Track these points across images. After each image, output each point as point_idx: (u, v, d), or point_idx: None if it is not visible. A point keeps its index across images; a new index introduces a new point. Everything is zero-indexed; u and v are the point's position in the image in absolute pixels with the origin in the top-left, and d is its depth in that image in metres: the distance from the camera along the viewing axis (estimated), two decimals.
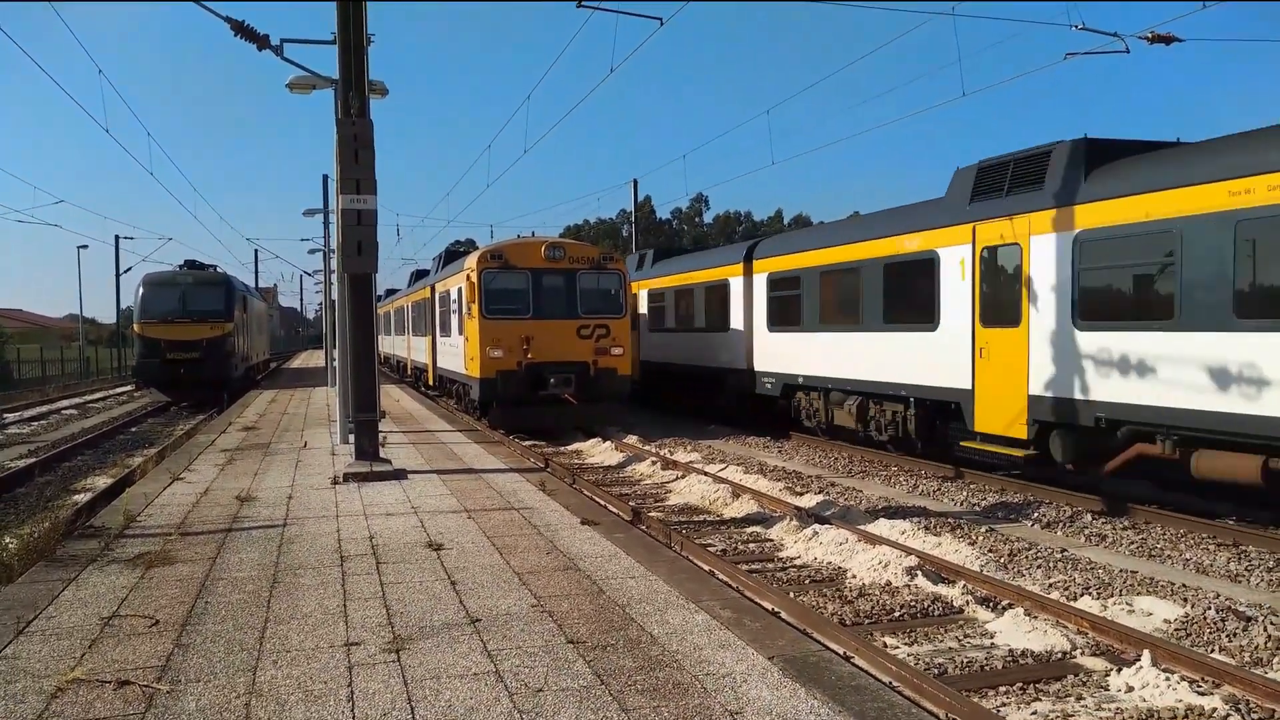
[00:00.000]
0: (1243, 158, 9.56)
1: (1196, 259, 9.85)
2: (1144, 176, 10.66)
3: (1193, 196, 9.94)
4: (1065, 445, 11.69)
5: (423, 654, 5.24)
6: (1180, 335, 10.04)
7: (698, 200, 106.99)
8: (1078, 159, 11.61)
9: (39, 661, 5.14)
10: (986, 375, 12.83)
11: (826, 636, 6.62)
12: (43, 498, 13.97)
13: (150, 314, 27.95)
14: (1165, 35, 12.69)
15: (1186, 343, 9.95)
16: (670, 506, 12.28)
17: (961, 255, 13.28)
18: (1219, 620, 7.13)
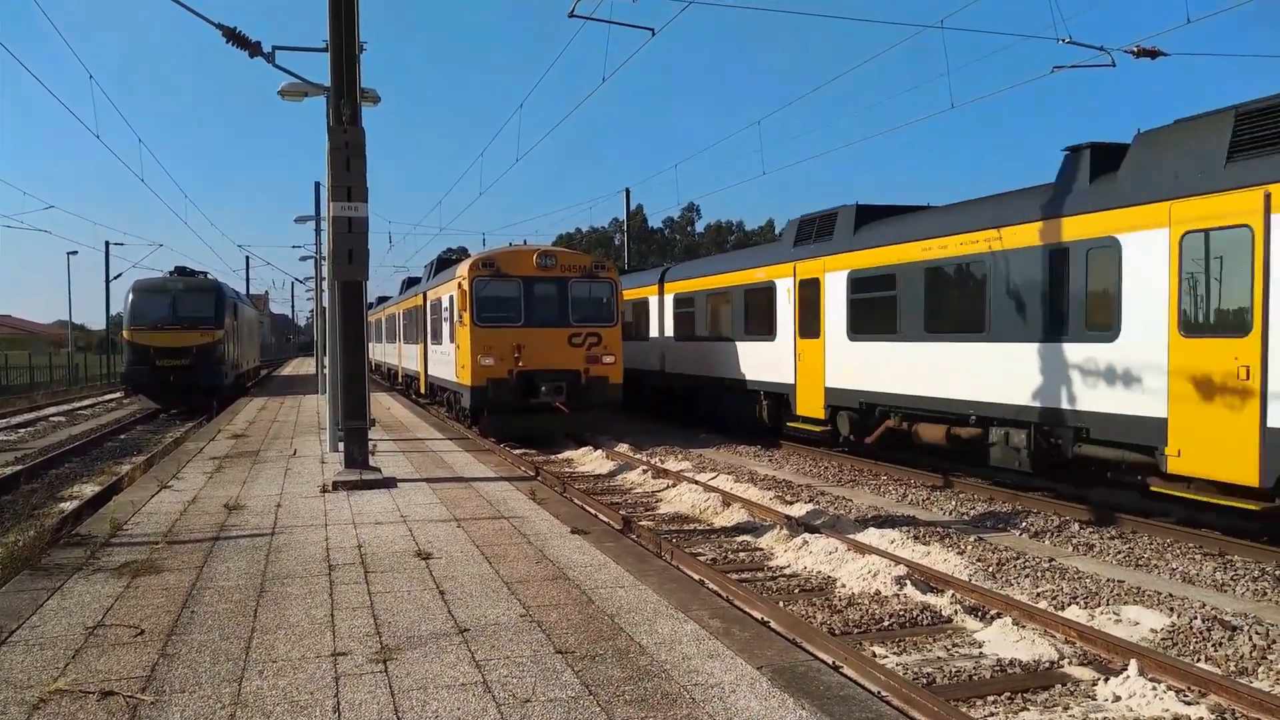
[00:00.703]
0: (931, 224, 13.83)
1: (905, 292, 14.22)
2: (881, 234, 14.97)
3: (903, 251, 14.30)
4: (845, 423, 15.95)
5: (410, 664, 5.22)
6: (899, 344, 14.38)
7: (689, 209, 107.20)
8: (850, 219, 15.84)
9: (21, 672, 5.10)
10: (802, 373, 17.06)
11: (815, 646, 6.62)
12: (29, 505, 13.88)
13: (140, 321, 27.84)
14: (1150, 49, 12.80)
15: (903, 349, 14.32)
16: (661, 515, 12.28)
17: (788, 285, 17.47)
18: (1205, 629, 7.16)
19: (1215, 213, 9.58)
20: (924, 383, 13.87)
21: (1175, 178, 10.01)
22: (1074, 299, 11.34)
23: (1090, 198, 11.17)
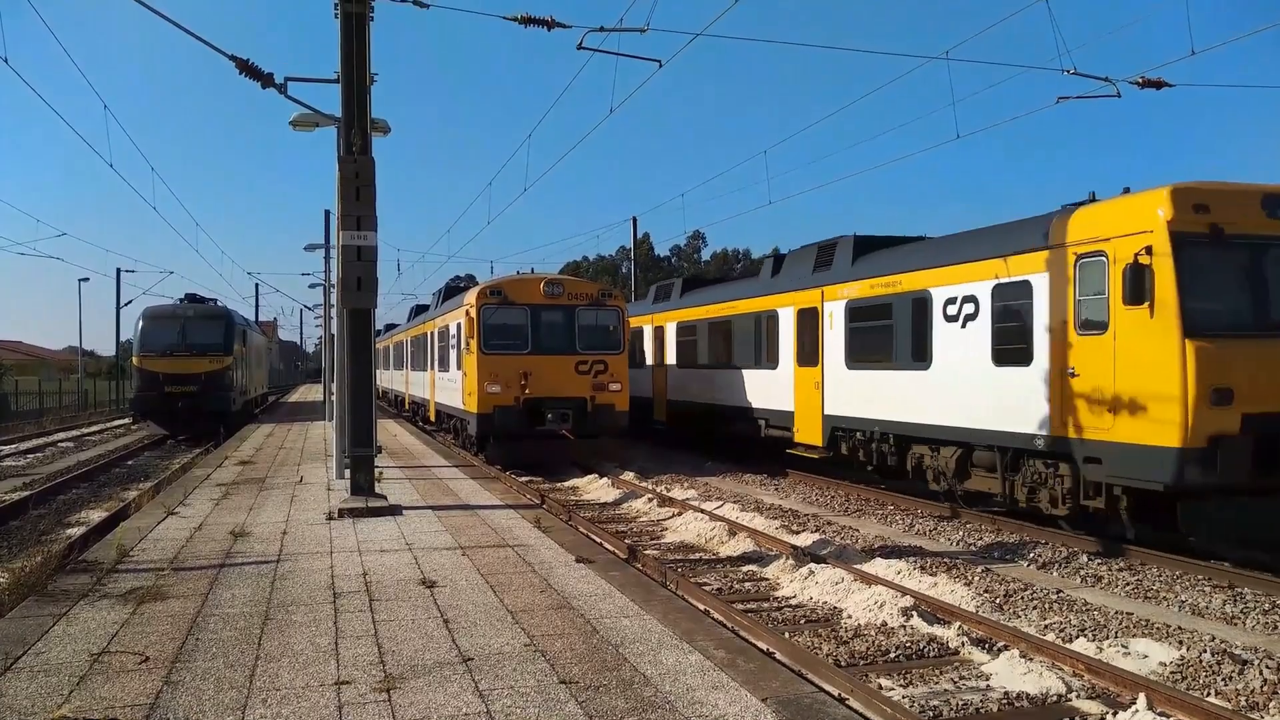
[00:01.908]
0: (923, 259, 14.40)
1: (904, 322, 14.53)
2: (878, 265, 15.42)
3: (900, 281, 14.71)
4: (847, 448, 16.24)
5: (414, 693, 5.21)
6: (898, 372, 14.65)
7: (695, 238, 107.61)
8: (848, 249, 16.50)
9: (26, 698, 5.10)
10: (804, 399, 17.48)
11: (821, 678, 6.58)
12: (36, 531, 13.90)
13: (150, 347, 27.97)
14: (1155, 80, 12.88)
15: (899, 377, 14.65)
16: (666, 544, 12.24)
17: (788, 315, 18.10)
18: (1215, 663, 7.09)
19: (804, 301, 17.35)
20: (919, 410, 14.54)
21: (794, 279, 17.93)
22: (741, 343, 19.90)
23: (768, 286, 19.01)
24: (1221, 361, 9.92)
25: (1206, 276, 10.30)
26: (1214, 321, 10.18)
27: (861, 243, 16.43)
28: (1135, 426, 10.35)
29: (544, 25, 12.13)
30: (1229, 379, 9.91)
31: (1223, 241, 10.30)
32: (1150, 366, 10.25)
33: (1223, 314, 10.38)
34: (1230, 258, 10.45)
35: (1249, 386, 9.95)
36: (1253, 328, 10.31)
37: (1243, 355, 10.05)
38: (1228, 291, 10.51)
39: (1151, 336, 10.22)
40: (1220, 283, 10.45)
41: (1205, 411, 9.82)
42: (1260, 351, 10.12)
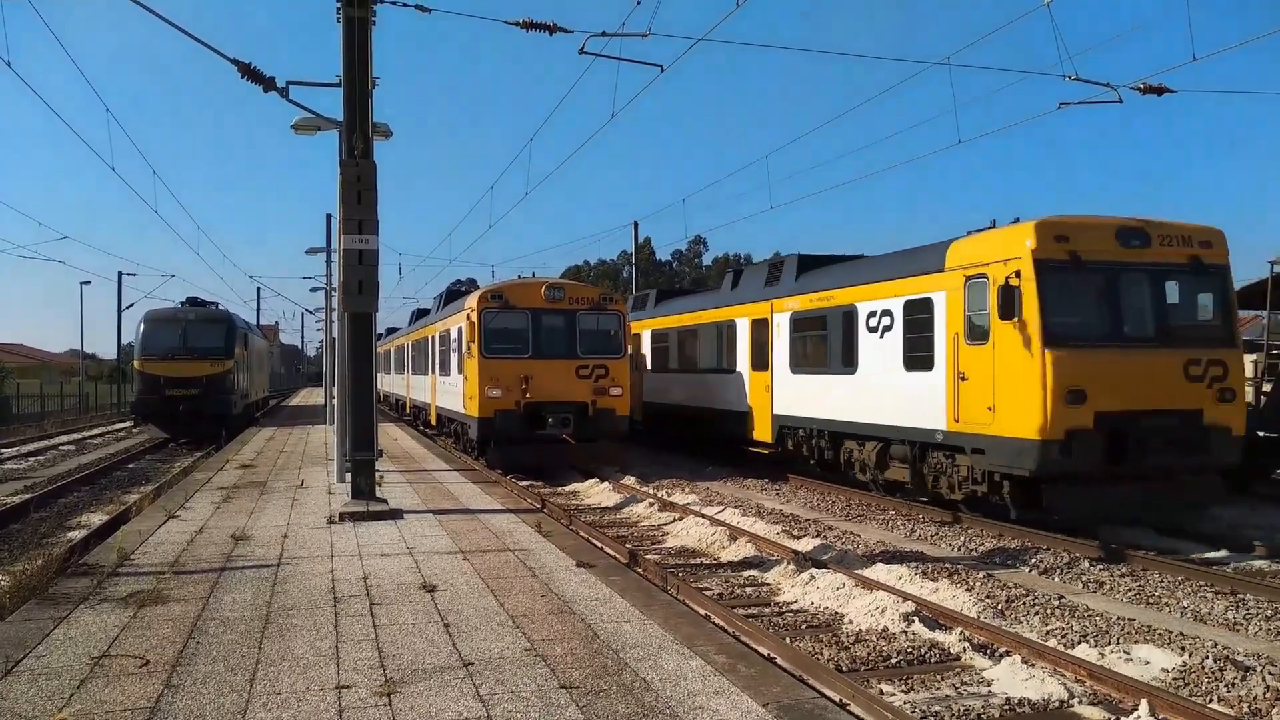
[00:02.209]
0: (852, 277, 16.18)
1: (833, 332, 16.37)
2: (816, 282, 17.28)
3: (830, 297, 16.57)
4: (793, 444, 18.02)
5: (414, 697, 5.20)
6: (831, 376, 16.43)
7: (696, 242, 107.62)
8: (793, 267, 18.52)
9: (26, 702, 5.10)
10: (757, 400, 19.19)
11: (822, 683, 6.57)
12: (37, 534, 13.90)
13: (151, 350, 27.99)
14: (1157, 86, 12.90)
15: (831, 380, 16.45)
16: (667, 549, 12.23)
17: (744, 325, 19.82)
18: (1217, 670, 7.07)
19: (757, 312, 19.27)
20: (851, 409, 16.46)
21: (749, 293, 19.87)
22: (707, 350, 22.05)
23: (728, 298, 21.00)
24: (1076, 367, 11.57)
25: (1066, 296, 12.02)
26: (1071, 334, 11.83)
27: (805, 261, 18.47)
28: (1009, 422, 11.99)
29: (546, 30, 12.16)
30: (1083, 382, 11.56)
31: (1080, 266, 12.00)
32: (1019, 371, 11.88)
33: (1079, 327, 12.02)
34: (1087, 280, 12.12)
35: (1101, 388, 11.61)
36: (1105, 339, 11.99)
37: (1095, 362, 11.73)
38: (1084, 308, 12.17)
39: (1020, 346, 11.87)
40: (1078, 301, 12.17)
41: (1062, 409, 11.45)
42: (1111, 359, 11.82)
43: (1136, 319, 12.44)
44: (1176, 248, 12.69)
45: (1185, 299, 12.87)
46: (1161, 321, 12.44)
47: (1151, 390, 11.88)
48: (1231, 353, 12.61)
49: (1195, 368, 12.11)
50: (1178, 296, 12.81)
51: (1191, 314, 12.91)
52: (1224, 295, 12.95)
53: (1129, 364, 11.84)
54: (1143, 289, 12.50)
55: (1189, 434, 11.91)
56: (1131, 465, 11.69)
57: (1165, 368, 11.99)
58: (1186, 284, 12.82)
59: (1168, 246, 12.62)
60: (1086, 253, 12.09)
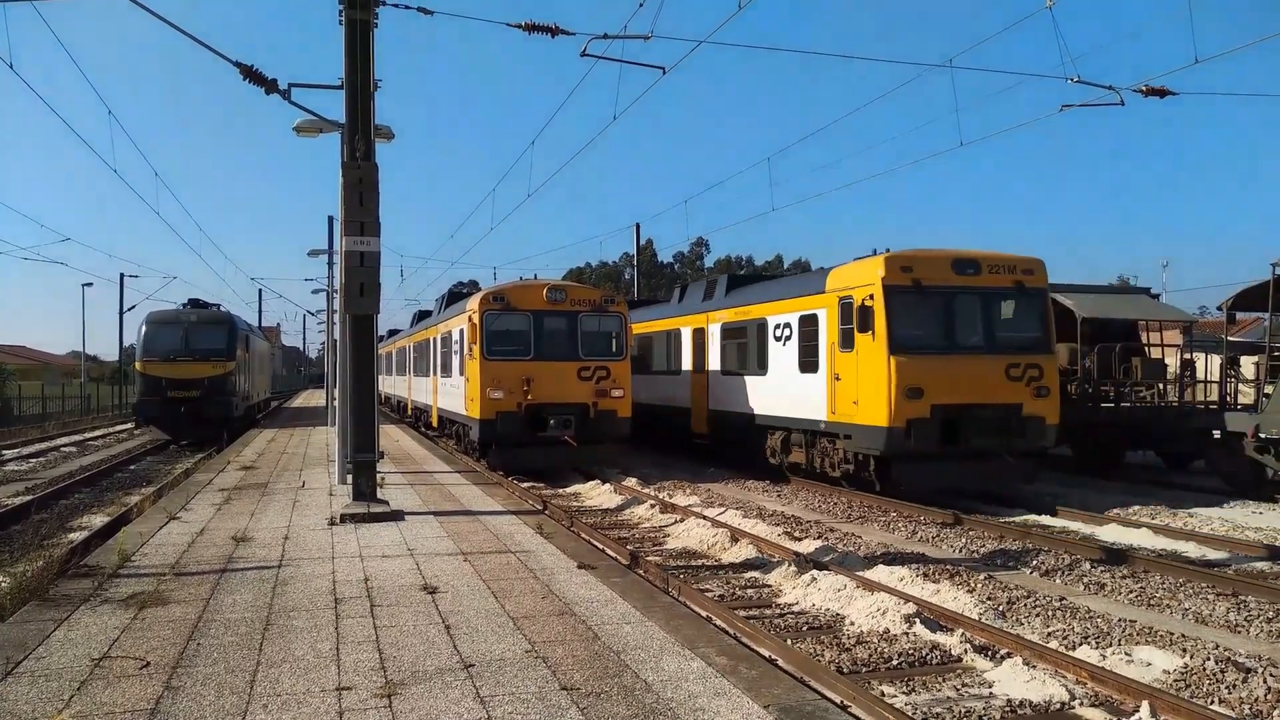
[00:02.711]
0: (764, 295, 19.30)
1: (751, 340, 19.38)
2: (740, 298, 20.39)
3: (748, 311, 19.62)
4: (724, 437, 20.84)
5: (414, 699, 5.20)
6: (755, 378, 19.17)
7: (699, 244, 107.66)
8: (724, 284, 21.95)
9: (26, 703, 5.10)
10: (697, 397, 22.24)
11: (823, 685, 6.56)
12: (38, 536, 13.90)
13: (152, 352, 28.01)
14: (1159, 88, 12.89)
15: (750, 380, 19.39)
16: (668, 550, 12.22)
17: (687, 332, 22.89)
18: (1218, 671, 7.06)
19: (696, 322, 22.29)
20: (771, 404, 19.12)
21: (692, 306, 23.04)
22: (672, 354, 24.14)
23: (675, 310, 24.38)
24: (915, 370, 14.56)
25: (908, 314, 14.91)
26: (912, 343, 14.75)
27: (734, 280, 22.29)
28: (867, 413, 15.02)
29: (548, 32, 12.17)
30: (921, 381, 14.55)
31: (921, 290, 15.00)
32: (873, 373, 14.85)
33: (919, 338, 14.90)
34: (926, 301, 15.08)
35: (936, 386, 14.61)
36: (940, 348, 14.96)
37: (931, 366, 14.70)
38: (924, 323, 15.04)
39: (874, 354, 14.88)
40: (918, 318, 15.01)
41: (904, 403, 14.45)
42: (944, 363, 14.83)
43: (967, 331, 15.37)
44: (1003, 274, 15.69)
45: (1008, 315, 15.82)
46: (988, 333, 15.39)
47: (979, 387, 14.88)
48: (1047, 357, 15.56)
49: (1015, 370, 15.12)
50: (1002, 313, 15.76)
51: (1013, 327, 15.75)
52: (1041, 311, 15.85)
53: (960, 367, 14.91)
54: (973, 307, 15.45)
55: (1010, 422, 14.90)
56: (962, 447, 14.72)
57: (990, 369, 15.03)
58: (1010, 303, 15.83)
59: (995, 274, 15.65)
60: (927, 279, 15.05)
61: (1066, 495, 16.48)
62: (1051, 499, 15.78)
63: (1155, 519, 14.30)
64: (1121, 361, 19.86)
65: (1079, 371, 20.34)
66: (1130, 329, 22.08)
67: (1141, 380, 20.24)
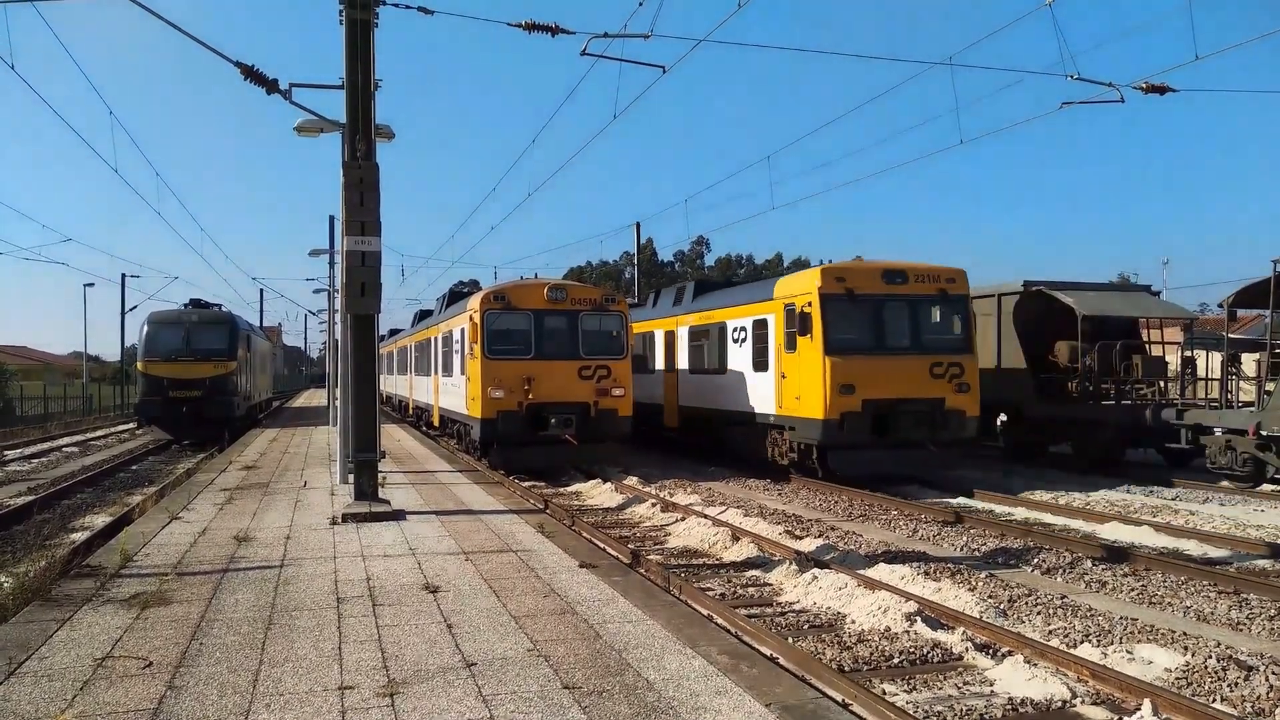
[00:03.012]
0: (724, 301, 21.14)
1: (712, 342, 21.14)
2: (704, 303, 22.16)
3: (712, 315, 21.32)
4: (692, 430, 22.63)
5: (417, 698, 5.21)
6: (716, 376, 20.86)
7: (699, 243, 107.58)
8: (691, 291, 23.89)
9: (29, 703, 5.11)
10: (668, 394, 24.06)
11: (825, 683, 6.57)
12: (40, 536, 13.91)
13: (154, 352, 28.03)
14: (1159, 85, 12.88)
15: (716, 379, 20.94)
16: (669, 549, 12.23)
17: (660, 335, 24.70)
18: (1220, 669, 7.07)
19: (667, 325, 24.04)
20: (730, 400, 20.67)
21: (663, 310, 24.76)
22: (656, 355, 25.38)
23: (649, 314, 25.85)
24: (847, 369, 16.42)
25: (842, 319, 16.75)
26: (845, 345, 16.61)
27: (700, 286, 24.23)
28: (807, 407, 16.93)
29: (548, 31, 12.17)
30: (852, 379, 16.38)
31: (854, 299, 16.85)
32: (812, 372, 16.72)
33: (851, 341, 16.73)
34: (858, 308, 16.90)
35: (866, 383, 16.44)
36: (870, 349, 16.82)
37: (862, 365, 16.53)
38: (855, 328, 16.85)
39: (812, 354, 16.75)
40: (851, 322, 16.82)
41: (837, 398, 16.31)
42: (874, 363, 16.69)
43: (896, 334, 17.06)
44: (928, 284, 17.39)
45: (933, 320, 17.52)
46: (914, 335, 17.12)
47: (905, 384, 16.69)
48: (967, 357, 17.34)
49: (938, 368, 16.94)
50: (927, 318, 17.46)
51: (937, 330, 17.45)
52: (963, 316, 17.65)
53: (888, 366, 16.76)
54: (901, 313, 17.19)
55: (934, 415, 16.77)
56: (891, 437, 16.59)
57: (915, 368, 16.85)
58: (934, 309, 17.55)
59: (921, 283, 17.35)
60: (859, 288, 16.88)
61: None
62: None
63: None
64: (1122, 359, 19.87)
65: (1079, 369, 20.35)
66: (1131, 326, 22.09)
67: (1142, 378, 20.25)
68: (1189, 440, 18.30)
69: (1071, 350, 20.64)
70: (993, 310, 22.11)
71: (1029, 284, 21.54)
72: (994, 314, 22.05)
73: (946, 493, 16.76)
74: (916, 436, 16.72)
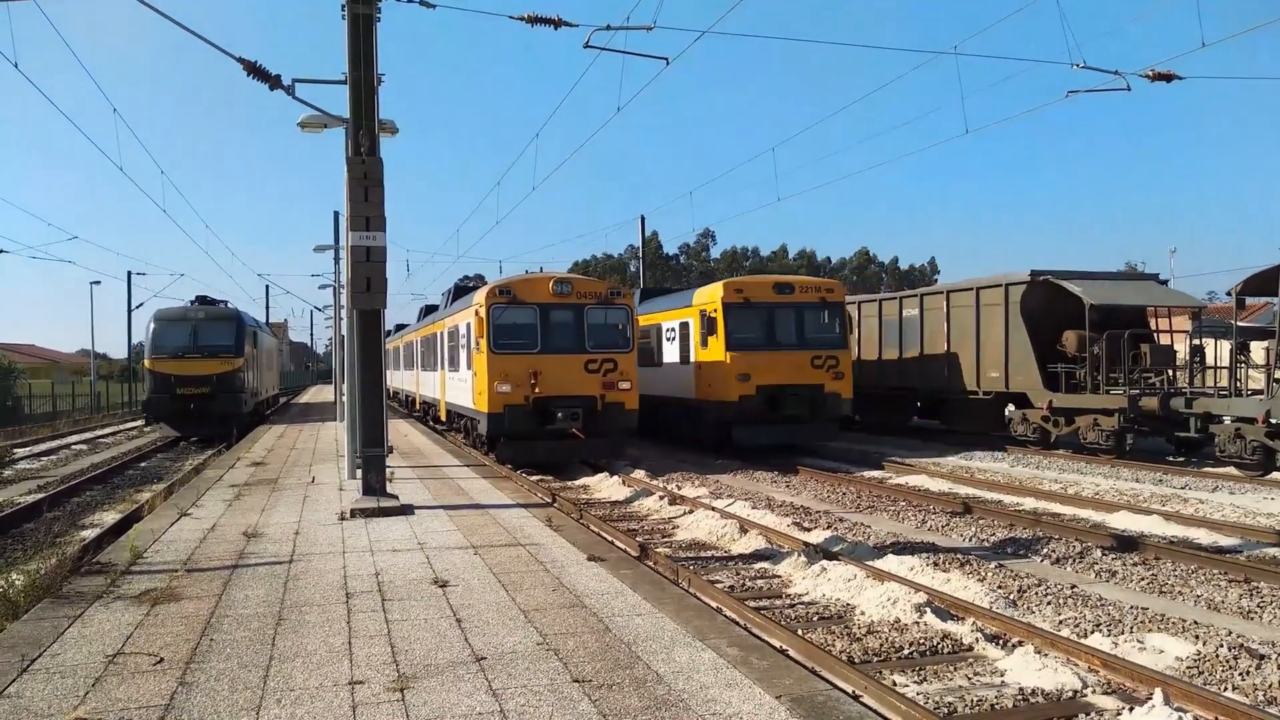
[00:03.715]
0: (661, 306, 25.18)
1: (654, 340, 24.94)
2: (649, 307, 25.65)
3: (654, 317, 25.09)
4: None
5: (427, 693, 5.22)
6: (657, 369, 24.56)
7: (705, 235, 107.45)
8: (639, 296, 26.77)
9: (42, 700, 5.13)
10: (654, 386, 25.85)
11: (835, 675, 6.56)
12: (50, 533, 13.98)
13: (161, 349, 28.09)
14: (1165, 73, 12.80)
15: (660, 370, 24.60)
16: (678, 542, 12.23)
17: None
18: (1231, 658, 7.05)
19: None
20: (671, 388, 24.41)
21: None
22: None
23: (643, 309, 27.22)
24: (744, 361, 20.63)
25: (740, 322, 20.99)
26: (743, 343, 20.80)
27: (646, 292, 28.09)
28: (717, 391, 21.09)
29: (551, 24, 12.13)
30: (748, 370, 20.59)
31: (750, 306, 21.19)
32: (719, 363, 20.84)
33: (748, 339, 20.92)
34: (754, 313, 21.22)
35: (760, 373, 20.61)
36: (763, 346, 21.01)
37: (756, 359, 20.72)
38: (751, 329, 21.08)
39: (718, 350, 20.94)
40: (748, 325, 21.05)
41: (736, 385, 20.52)
42: (765, 357, 20.84)
43: (784, 333, 21.24)
44: (811, 293, 21.76)
45: (814, 322, 21.57)
46: (799, 335, 21.29)
47: (791, 373, 20.82)
48: (842, 351, 21.60)
49: (818, 360, 21.08)
50: (809, 321, 21.51)
51: (818, 330, 21.52)
52: (840, 319, 22.07)
53: (777, 359, 20.88)
54: (789, 317, 21.39)
55: (815, 398, 20.93)
56: (781, 415, 20.74)
57: (799, 360, 20.98)
58: (815, 313, 21.63)
59: (805, 293, 21.72)
60: (754, 297, 21.18)
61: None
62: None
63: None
64: (1130, 348, 19.79)
65: (1087, 359, 20.28)
66: (1139, 315, 22.00)
67: (1150, 367, 20.17)
68: (1198, 429, 18.23)
69: (1080, 339, 20.57)
70: (1000, 300, 22.05)
71: (1036, 273, 21.46)
72: (1001, 304, 21.99)
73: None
74: (801, 414, 20.87)
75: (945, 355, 24.10)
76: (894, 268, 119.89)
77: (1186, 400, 18.28)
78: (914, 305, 25.73)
